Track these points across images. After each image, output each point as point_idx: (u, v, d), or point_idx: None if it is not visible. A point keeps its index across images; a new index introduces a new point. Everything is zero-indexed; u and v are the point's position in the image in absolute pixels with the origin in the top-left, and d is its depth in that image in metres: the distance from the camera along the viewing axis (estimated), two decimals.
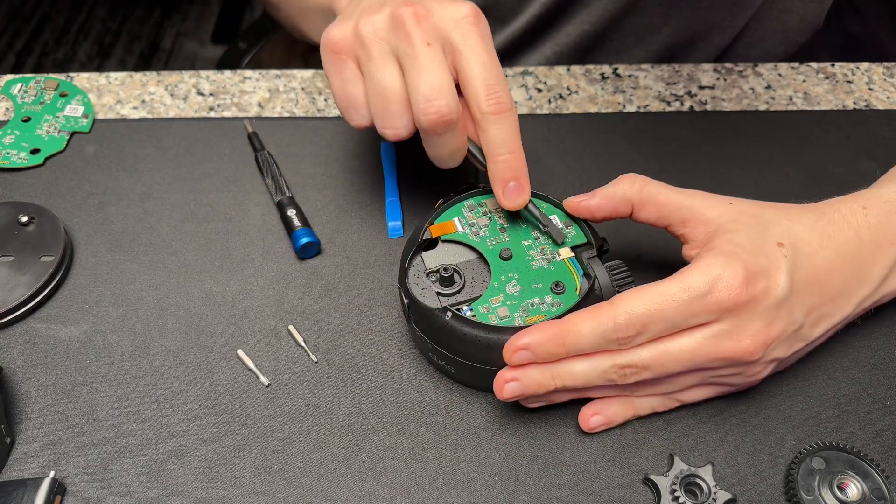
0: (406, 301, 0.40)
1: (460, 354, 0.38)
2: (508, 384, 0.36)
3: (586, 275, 0.39)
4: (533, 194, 0.43)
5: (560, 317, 0.37)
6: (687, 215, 0.39)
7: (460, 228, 0.42)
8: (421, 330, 0.39)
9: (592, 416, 0.39)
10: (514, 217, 0.42)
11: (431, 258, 0.41)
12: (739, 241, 0.36)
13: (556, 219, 0.42)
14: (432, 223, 0.42)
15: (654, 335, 0.35)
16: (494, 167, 0.39)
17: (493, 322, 0.37)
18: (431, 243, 0.42)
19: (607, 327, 0.34)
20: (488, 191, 0.43)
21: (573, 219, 0.42)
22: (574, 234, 0.41)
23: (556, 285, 0.39)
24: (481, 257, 0.41)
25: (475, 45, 0.39)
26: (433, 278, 0.40)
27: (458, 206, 0.43)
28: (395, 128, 0.39)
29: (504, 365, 0.37)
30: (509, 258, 0.40)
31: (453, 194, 0.43)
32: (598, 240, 0.41)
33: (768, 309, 0.35)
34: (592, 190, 0.41)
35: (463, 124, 0.39)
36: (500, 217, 0.42)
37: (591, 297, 0.38)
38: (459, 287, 0.40)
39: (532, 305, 0.38)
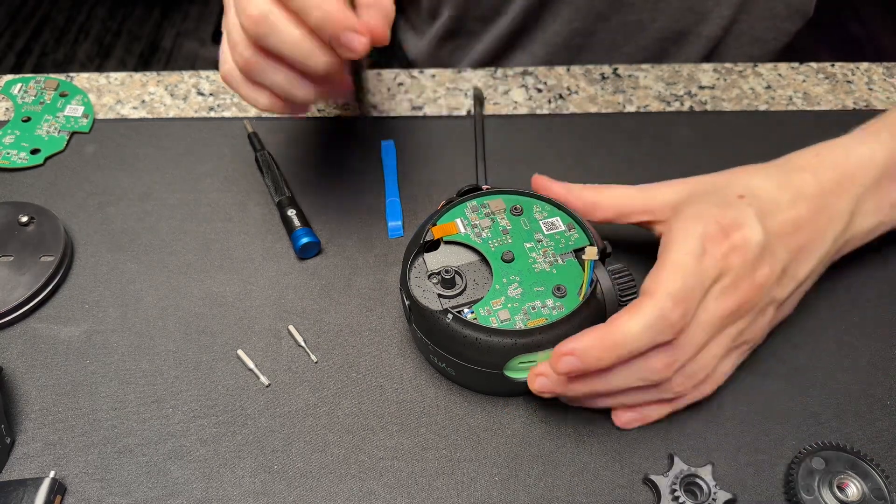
0: (407, 302, 0.40)
1: (460, 357, 0.38)
2: (539, 378, 0.36)
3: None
4: (535, 196, 0.43)
5: (562, 320, 0.37)
6: (645, 203, 0.40)
7: (462, 230, 0.41)
8: (421, 332, 0.39)
9: (627, 413, 0.39)
10: (518, 219, 0.42)
11: (433, 259, 0.41)
12: (703, 203, 0.38)
13: (558, 221, 0.42)
14: (434, 224, 0.42)
15: (694, 308, 0.35)
16: (317, 34, 0.36)
17: (494, 325, 0.37)
18: (433, 245, 0.41)
19: (655, 316, 0.34)
20: (492, 192, 0.43)
21: (576, 221, 0.41)
22: (576, 238, 0.41)
23: (558, 288, 0.39)
24: (483, 259, 0.41)
25: None
26: (434, 280, 0.40)
27: (460, 207, 0.43)
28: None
29: (501, 367, 0.37)
30: (511, 260, 0.40)
31: (456, 195, 0.43)
32: (600, 243, 0.41)
33: (753, 253, 0.36)
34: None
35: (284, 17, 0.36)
36: (502, 219, 0.42)
37: (593, 301, 0.38)
38: (461, 289, 0.39)
39: (533, 308, 0.38)
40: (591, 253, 0.38)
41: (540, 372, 0.36)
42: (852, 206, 0.40)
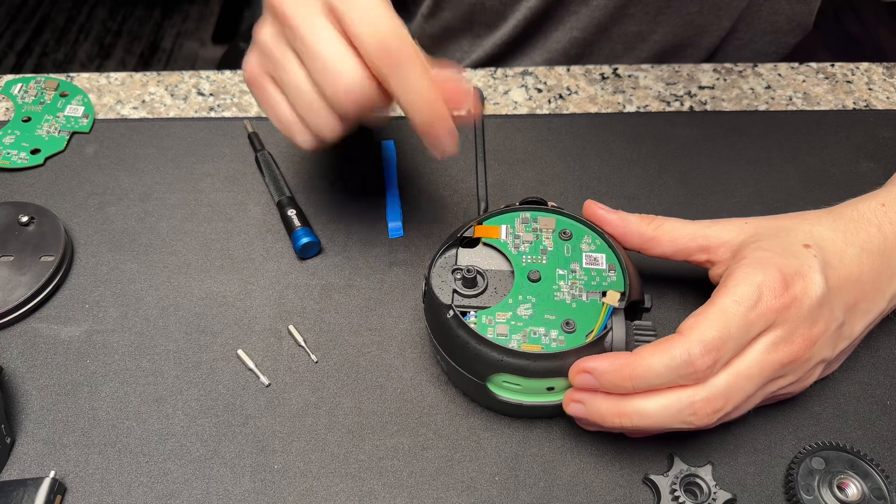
0: (424, 288, 0.40)
1: (451, 356, 0.38)
2: (573, 404, 0.36)
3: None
4: (590, 227, 0.41)
5: (556, 354, 0.36)
6: (705, 243, 0.39)
7: (504, 237, 0.41)
8: (427, 319, 0.40)
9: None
10: (563, 243, 0.41)
11: (465, 256, 0.41)
12: (768, 247, 0.36)
13: (602, 258, 0.40)
14: (480, 223, 0.41)
15: (727, 359, 0.34)
16: (410, 119, 0.36)
17: (489, 336, 0.37)
18: (472, 242, 0.41)
19: (682, 360, 0.33)
20: (551, 210, 0.42)
21: (620, 264, 0.39)
22: (612, 281, 0.39)
23: (568, 323, 0.37)
24: (514, 271, 0.40)
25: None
26: (457, 275, 0.40)
27: (512, 215, 0.42)
28: (325, 127, 0.37)
29: (484, 378, 0.37)
30: (537, 281, 0.39)
31: (518, 203, 0.42)
32: (637, 295, 0.39)
33: (811, 308, 0.34)
34: (599, 196, 0.40)
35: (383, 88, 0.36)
36: (547, 239, 0.41)
37: (597, 347, 0.36)
38: (477, 292, 0.39)
39: (534, 334, 0.37)
40: (612, 298, 0.37)
41: (576, 399, 0.36)
42: None
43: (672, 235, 0.40)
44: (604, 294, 0.38)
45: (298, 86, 0.36)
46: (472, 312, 0.38)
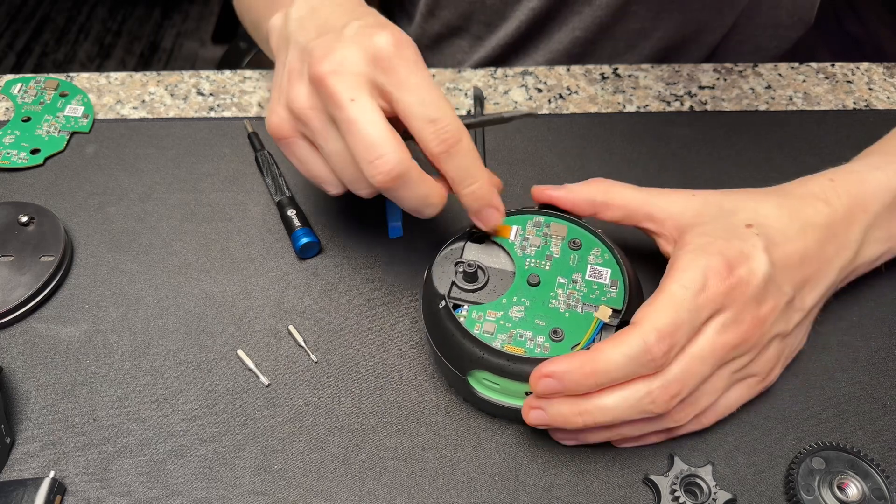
0: (425, 275, 0.40)
1: (437, 345, 0.39)
2: (533, 411, 0.35)
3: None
4: (603, 241, 0.41)
5: (538, 360, 0.35)
6: (651, 211, 0.39)
7: (512, 237, 0.41)
8: (422, 306, 0.40)
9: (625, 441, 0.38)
10: (570, 252, 0.41)
11: (472, 251, 0.41)
12: (710, 232, 0.37)
13: (607, 273, 0.40)
14: None
15: (682, 344, 0.34)
16: (463, 200, 0.38)
17: (474, 331, 0.37)
18: (482, 238, 0.41)
19: (639, 349, 0.33)
20: (565, 218, 0.42)
21: (624, 282, 0.39)
22: (612, 297, 0.39)
23: (556, 332, 0.37)
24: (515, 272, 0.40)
25: (403, 79, 0.36)
26: (459, 268, 0.40)
27: (525, 217, 0.42)
28: (365, 189, 0.39)
29: (465, 371, 0.37)
30: (536, 285, 0.39)
31: (538, 206, 0.42)
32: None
33: (757, 288, 0.35)
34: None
35: (419, 170, 0.37)
36: (556, 245, 0.41)
37: None
38: (476, 288, 0.39)
39: (521, 336, 0.37)
40: (604, 314, 0.37)
41: (534, 405, 0.35)
42: (862, 235, 0.39)
43: (623, 199, 0.40)
44: (597, 308, 0.38)
45: (339, 153, 0.38)
46: (465, 306, 0.38)
